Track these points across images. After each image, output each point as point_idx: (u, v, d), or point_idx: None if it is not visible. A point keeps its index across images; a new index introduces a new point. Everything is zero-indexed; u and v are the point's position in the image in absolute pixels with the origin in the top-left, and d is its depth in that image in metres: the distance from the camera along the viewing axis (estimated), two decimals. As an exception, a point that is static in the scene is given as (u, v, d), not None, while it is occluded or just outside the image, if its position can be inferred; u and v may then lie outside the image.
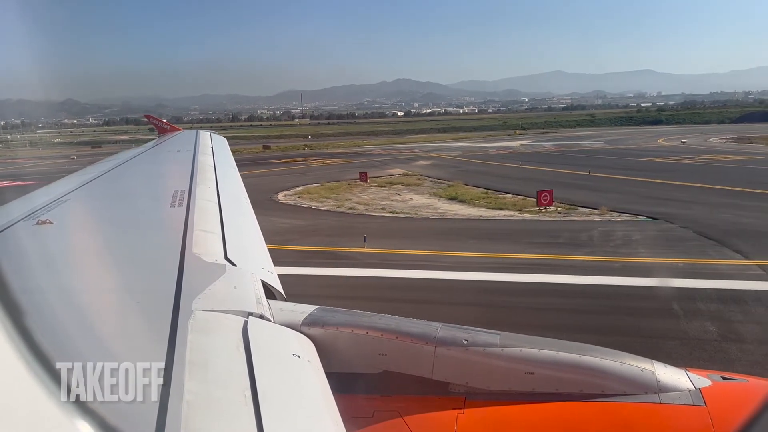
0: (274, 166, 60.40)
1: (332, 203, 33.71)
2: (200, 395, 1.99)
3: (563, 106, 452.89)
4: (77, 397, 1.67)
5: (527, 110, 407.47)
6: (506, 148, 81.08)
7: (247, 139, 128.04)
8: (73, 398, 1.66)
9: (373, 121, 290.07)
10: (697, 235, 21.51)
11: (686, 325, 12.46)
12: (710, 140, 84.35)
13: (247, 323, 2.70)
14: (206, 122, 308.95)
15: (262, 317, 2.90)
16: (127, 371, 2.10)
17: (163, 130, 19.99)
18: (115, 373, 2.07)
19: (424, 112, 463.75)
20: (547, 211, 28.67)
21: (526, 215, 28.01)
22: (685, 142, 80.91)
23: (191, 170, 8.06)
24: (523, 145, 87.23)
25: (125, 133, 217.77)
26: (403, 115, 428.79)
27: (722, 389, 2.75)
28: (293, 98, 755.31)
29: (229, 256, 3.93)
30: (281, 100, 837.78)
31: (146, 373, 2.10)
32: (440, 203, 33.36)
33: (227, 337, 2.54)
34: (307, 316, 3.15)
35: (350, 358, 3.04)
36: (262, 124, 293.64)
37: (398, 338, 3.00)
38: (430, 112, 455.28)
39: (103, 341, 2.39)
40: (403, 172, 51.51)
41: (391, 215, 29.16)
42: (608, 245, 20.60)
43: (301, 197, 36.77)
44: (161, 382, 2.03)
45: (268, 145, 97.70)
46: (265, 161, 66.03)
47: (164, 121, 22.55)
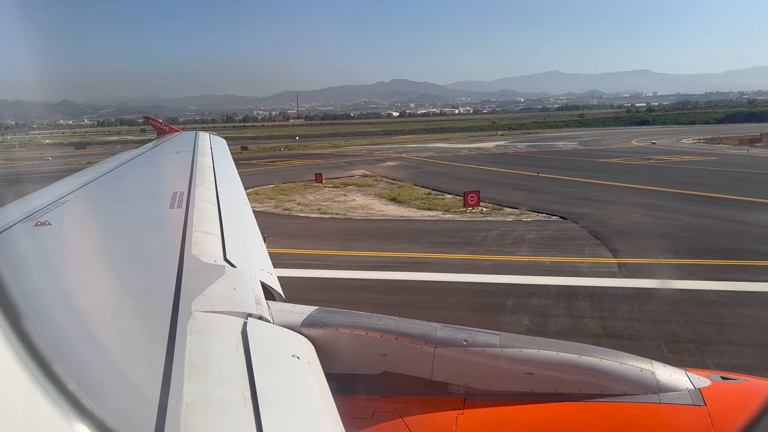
0: (243, 167, 60.68)
1: (272, 204, 34.39)
2: (200, 397, 1.98)
3: (558, 106, 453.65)
4: (76, 399, 1.66)
5: (522, 110, 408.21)
6: (480, 149, 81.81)
7: (235, 139, 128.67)
8: (71, 400, 1.65)
9: (366, 121, 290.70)
10: (589, 234, 22.30)
11: (503, 319, 13.15)
12: (682, 141, 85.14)
13: (246, 324, 2.71)
14: (201, 123, 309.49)
15: (261, 318, 2.90)
16: (126, 373, 2.13)
17: (162, 131, 20.35)
18: (114, 374, 2.09)
19: (419, 112, 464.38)
20: (471, 211, 29.43)
21: (447, 216, 28.78)
22: (654, 143, 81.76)
23: (190, 171, 8.04)
24: (497, 146, 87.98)
25: (117, 134, 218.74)
26: (398, 115, 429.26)
27: (722, 389, 2.75)
28: (290, 99, 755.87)
29: (228, 257, 3.93)
30: (278, 100, 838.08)
31: (145, 374, 2.11)
32: (378, 204, 34.12)
33: (226, 338, 2.54)
34: (306, 317, 3.15)
35: (350, 358, 3.03)
36: (255, 125, 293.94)
37: (398, 339, 3.00)
38: (424, 112, 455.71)
39: (102, 343, 2.39)
40: (364, 173, 52.27)
41: (317, 216, 29.93)
42: (496, 245, 21.37)
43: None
44: (160, 383, 2.02)
45: (246, 146, 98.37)
46: (236, 162, 66.64)
47: (162, 122, 22.86)
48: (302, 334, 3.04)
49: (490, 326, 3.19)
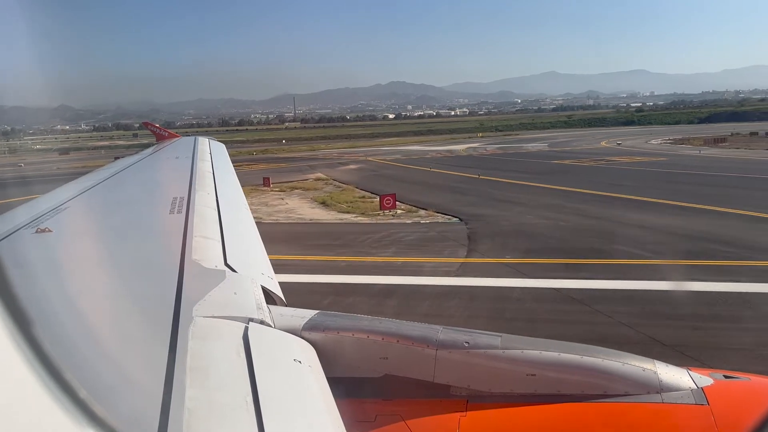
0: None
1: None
2: (202, 402, 1.98)
3: (553, 107, 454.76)
4: (79, 405, 1.66)
5: (517, 112, 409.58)
6: (450, 151, 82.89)
7: (225, 143, 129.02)
8: (74, 406, 1.65)
9: (360, 124, 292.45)
10: (466, 236, 23.24)
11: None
12: (650, 142, 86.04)
13: (247, 329, 2.71)
14: (197, 127, 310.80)
15: (262, 323, 2.90)
16: (128, 379, 2.12)
17: (161, 137, 20.75)
18: (116, 380, 2.07)
19: (415, 114, 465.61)
20: (384, 214, 30.42)
21: (357, 219, 29.77)
22: (620, 143, 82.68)
23: (190, 177, 8.05)
24: (468, 148, 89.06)
25: (110, 139, 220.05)
26: (393, 117, 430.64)
27: (725, 388, 2.74)
28: (288, 102, 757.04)
29: (228, 262, 3.94)
30: (276, 104, 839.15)
31: (148, 380, 2.10)
32: (305, 208, 35.10)
33: (228, 343, 2.55)
34: (307, 321, 3.15)
35: (351, 362, 3.03)
36: (247, 129, 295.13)
37: (399, 342, 3.00)
38: (420, 114, 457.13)
39: (103, 349, 2.39)
40: (318, 176, 53.32)
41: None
42: (371, 246, 22.24)
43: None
44: (163, 389, 2.02)
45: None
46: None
47: (161, 127, 23.27)
48: (303, 338, 3.04)
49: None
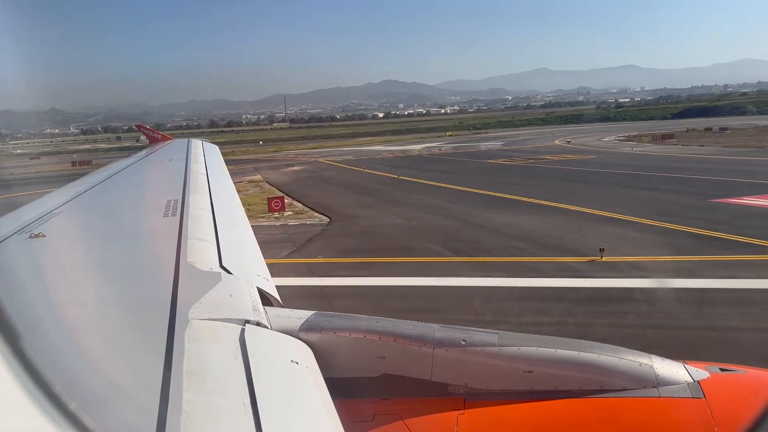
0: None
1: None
2: (199, 405, 1.97)
3: (542, 104, 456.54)
4: (75, 410, 1.64)
5: (507, 109, 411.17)
6: (404, 152, 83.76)
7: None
8: (70, 412, 1.63)
9: (348, 123, 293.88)
10: (310, 238, 24.23)
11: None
12: (603, 139, 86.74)
13: (244, 331, 2.70)
14: (187, 129, 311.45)
15: (259, 324, 2.89)
16: (124, 383, 2.11)
17: (154, 139, 20.69)
18: (112, 385, 2.07)
19: (405, 113, 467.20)
20: (269, 216, 31.52)
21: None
22: (569, 141, 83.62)
23: (184, 179, 8.00)
24: (425, 148, 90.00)
25: (94, 142, 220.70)
26: (382, 116, 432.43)
27: (721, 381, 2.74)
28: (280, 102, 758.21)
29: (224, 264, 3.91)
30: (268, 104, 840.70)
31: (144, 384, 2.09)
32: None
33: (224, 345, 2.53)
34: (304, 321, 3.13)
35: (349, 362, 3.02)
36: (233, 129, 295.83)
37: (396, 341, 2.99)
38: (409, 113, 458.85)
39: (99, 353, 2.38)
40: (251, 179, 54.15)
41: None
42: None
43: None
44: (159, 392, 2.00)
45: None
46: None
47: (155, 130, 23.18)
48: (300, 339, 3.03)
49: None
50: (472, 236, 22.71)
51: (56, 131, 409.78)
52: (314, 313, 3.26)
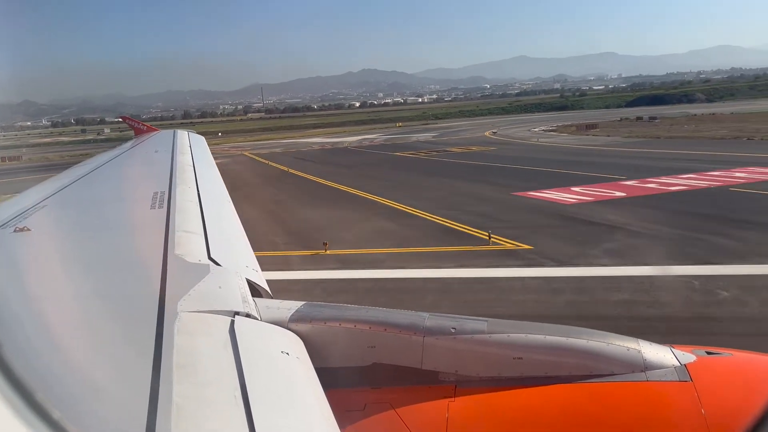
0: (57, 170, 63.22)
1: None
2: (189, 397, 1.97)
3: (517, 92, 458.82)
4: (64, 405, 1.64)
5: (483, 97, 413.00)
6: (338, 143, 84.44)
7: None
8: (60, 406, 1.61)
9: (323, 113, 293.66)
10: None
11: None
12: (533, 129, 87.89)
13: (233, 322, 2.70)
14: (160, 120, 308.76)
15: (248, 316, 2.90)
16: (114, 377, 2.12)
17: (139, 131, 20.35)
18: (102, 378, 2.08)
19: (382, 102, 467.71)
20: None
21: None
22: (496, 132, 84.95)
23: (170, 171, 7.95)
24: (363, 139, 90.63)
25: (60, 135, 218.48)
26: (359, 106, 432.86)
27: (707, 364, 2.79)
28: (258, 92, 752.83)
29: (212, 255, 3.89)
30: (246, 94, 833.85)
31: (134, 377, 2.10)
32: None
33: (214, 337, 2.54)
34: (294, 312, 3.15)
35: (339, 352, 3.03)
36: (203, 121, 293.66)
37: (387, 330, 3.01)
38: (386, 102, 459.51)
39: (88, 348, 2.38)
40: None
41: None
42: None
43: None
44: (149, 386, 2.01)
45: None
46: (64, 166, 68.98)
47: (138, 121, 22.84)
48: (291, 329, 3.04)
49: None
50: (260, 229, 23.74)
51: (28, 124, 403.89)
52: (304, 303, 3.27)
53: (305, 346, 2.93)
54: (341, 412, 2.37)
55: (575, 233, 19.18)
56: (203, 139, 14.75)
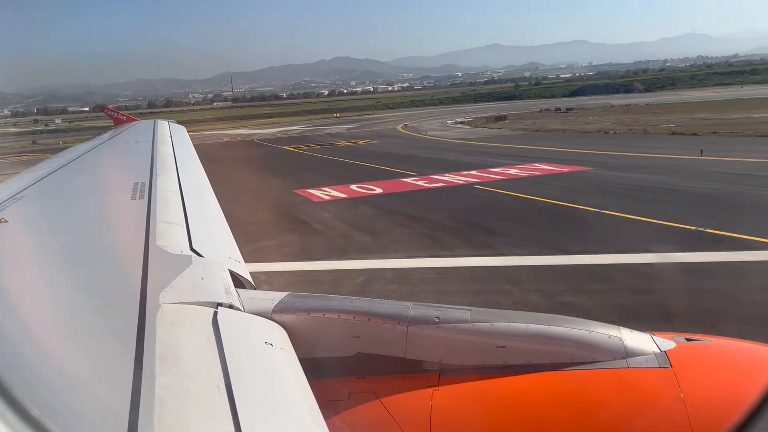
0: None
1: None
2: (173, 390, 1.95)
3: (485, 80, 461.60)
4: (44, 401, 1.62)
5: (453, 86, 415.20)
6: (252, 135, 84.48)
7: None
8: (39, 403, 1.59)
9: (289, 102, 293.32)
10: None
11: None
12: (449, 122, 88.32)
13: (216, 314, 2.70)
14: (126, 109, 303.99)
15: (231, 307, 2.90)
16: (96, 370, 2.09)
17: (119, 121, 20.01)
18: (83, 372, 2.05)
19: (353, 91, 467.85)
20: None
21: None
22: (407, 125, 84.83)
23: (151, 161, 7.89)
24: (282, 131, 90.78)
25: (16, 125, 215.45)
26: (327, 94, 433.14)
27: (686, 350, 2.84)
28: (229, 81, 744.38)
29: (194, 246, 3.87)
30: (217, 83, 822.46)
31: (116, 370, 2.07)
32: None
33: (197, 329, 2.53)
34: (277, 303, 3.15)
35: (323, 342, 3.05)
36: (172, 110, 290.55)
37: (370, 320, 3.03)
38: (355, 91, 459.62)
39: (68, 341, 2.36)
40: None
41: None
42: None
43: None
44: (132, 379, 1.99)
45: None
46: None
47: (117, 111, 22.51)
48: (274, 320, 3.05)
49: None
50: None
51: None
52: (288, 294, 3.25)
53: (289, 336, 2.95)
54: (326, 401, 2.41)
55: (265, 231, 20.09)
56: (184, 129, 14.54)
